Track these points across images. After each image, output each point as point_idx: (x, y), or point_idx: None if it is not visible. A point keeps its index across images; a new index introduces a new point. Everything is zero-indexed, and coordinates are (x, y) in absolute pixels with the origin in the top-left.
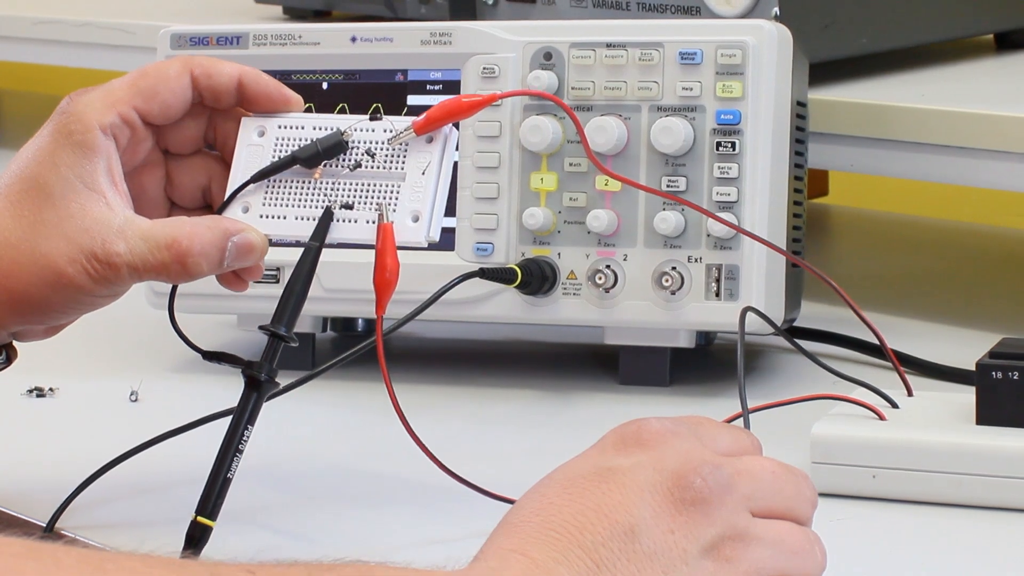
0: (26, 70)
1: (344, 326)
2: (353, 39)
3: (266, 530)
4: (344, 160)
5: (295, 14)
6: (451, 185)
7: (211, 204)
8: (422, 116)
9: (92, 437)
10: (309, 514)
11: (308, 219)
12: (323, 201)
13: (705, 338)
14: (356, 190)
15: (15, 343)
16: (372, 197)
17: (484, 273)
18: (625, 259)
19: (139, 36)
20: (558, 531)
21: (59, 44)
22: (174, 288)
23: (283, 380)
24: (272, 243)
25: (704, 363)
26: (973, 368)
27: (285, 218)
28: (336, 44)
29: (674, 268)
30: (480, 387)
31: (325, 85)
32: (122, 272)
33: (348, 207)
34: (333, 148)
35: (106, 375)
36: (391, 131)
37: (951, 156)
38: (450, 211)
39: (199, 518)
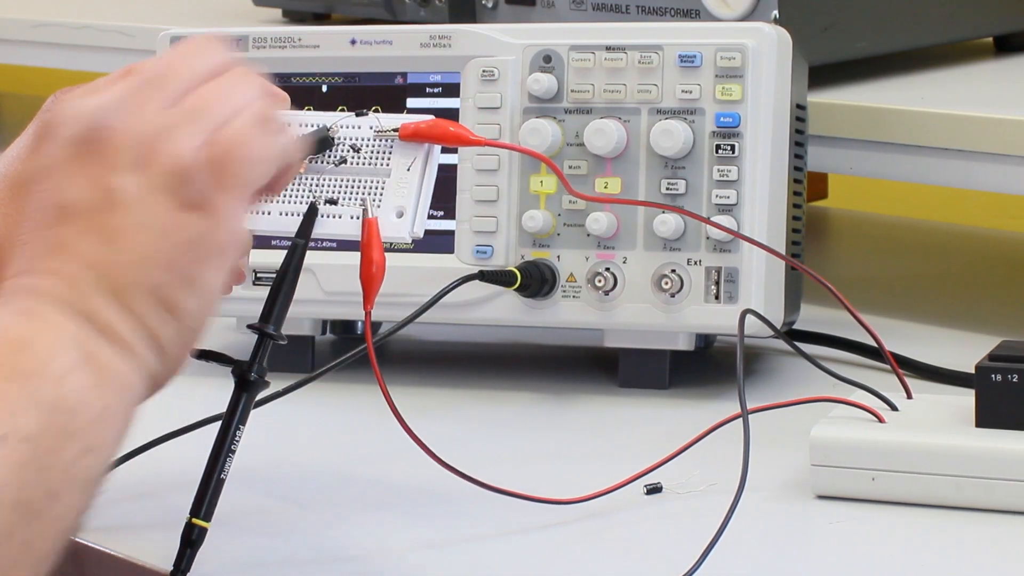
0: (26, 73)
1: (344, 328)
2: (352, 42)
3: (264, 532)
4: (330, 156)
5: (294, 17)
6: (450, 187)
7: None
8: (411, 123)
9: None
10: (306, 516)
11: (293, 214)
12: (308, 196)
13: (704, 340)
14: (341, 185)
15: None
16: (357, 192)
17: (484, 276)
18: (625, 262)
19: (138, 39)
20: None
21: (58, 47)
22: None
23: (282, 383)
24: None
25: (703, 366)
26: (972, 371)
27: (270, 213)
28: (336, 47)
29: (673, 271)
30: (479, 390)
31: (325, 88)
32: None
33: (333, 202)
34: (319, 144)
35: None
36: (377, 127)
37: (950, 159)
38: (449, 214)
39: (193, 519)
